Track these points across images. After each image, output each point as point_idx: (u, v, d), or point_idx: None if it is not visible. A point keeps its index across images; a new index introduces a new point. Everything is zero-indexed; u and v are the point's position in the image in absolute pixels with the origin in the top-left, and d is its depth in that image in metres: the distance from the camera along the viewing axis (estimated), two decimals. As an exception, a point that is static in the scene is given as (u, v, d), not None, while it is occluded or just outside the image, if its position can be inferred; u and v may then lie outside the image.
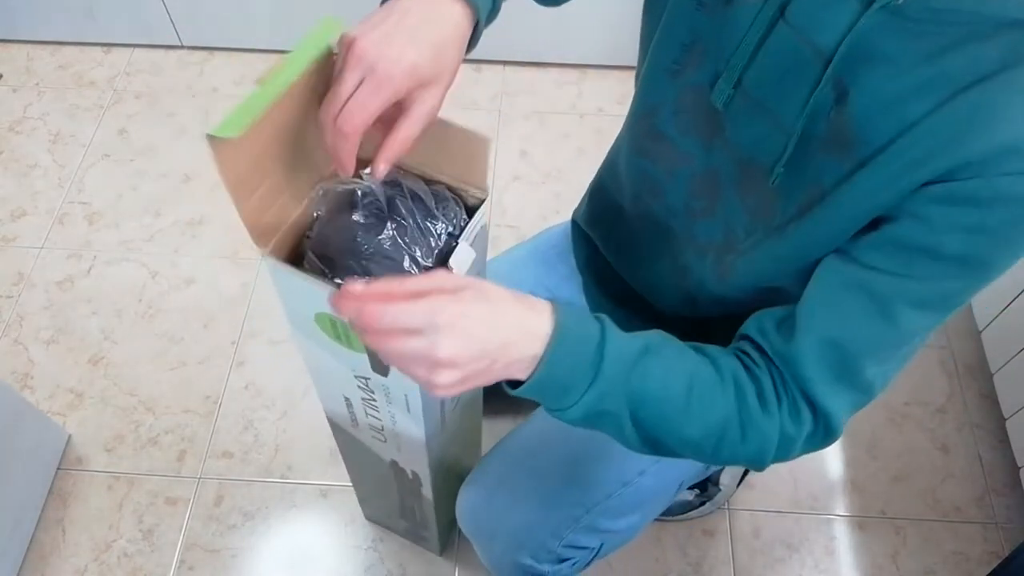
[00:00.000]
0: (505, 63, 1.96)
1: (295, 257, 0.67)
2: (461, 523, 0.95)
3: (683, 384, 0.62)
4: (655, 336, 0.64)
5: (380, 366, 0.69)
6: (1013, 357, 1.31)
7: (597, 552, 0.93)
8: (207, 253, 1.64)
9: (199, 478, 1.37)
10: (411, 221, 0.65)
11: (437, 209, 0.66)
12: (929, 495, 1.38)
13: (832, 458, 1.42)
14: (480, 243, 0.67)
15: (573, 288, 1.02)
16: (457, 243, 0.64)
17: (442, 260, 0.65)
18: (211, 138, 0.51)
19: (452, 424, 0.91)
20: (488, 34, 0.66)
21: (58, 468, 1.37)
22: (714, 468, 1.17)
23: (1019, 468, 1.31)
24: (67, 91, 1.89)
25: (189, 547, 1.31)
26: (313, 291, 0.61)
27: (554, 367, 0.56)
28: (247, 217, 0.59)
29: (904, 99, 0.56)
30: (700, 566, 1.30)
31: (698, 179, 0.74)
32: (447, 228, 0.66)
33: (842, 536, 1.34)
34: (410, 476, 0.96)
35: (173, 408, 1.44)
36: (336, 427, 0.95)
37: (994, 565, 1.20)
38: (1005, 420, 1.36)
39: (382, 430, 0.85)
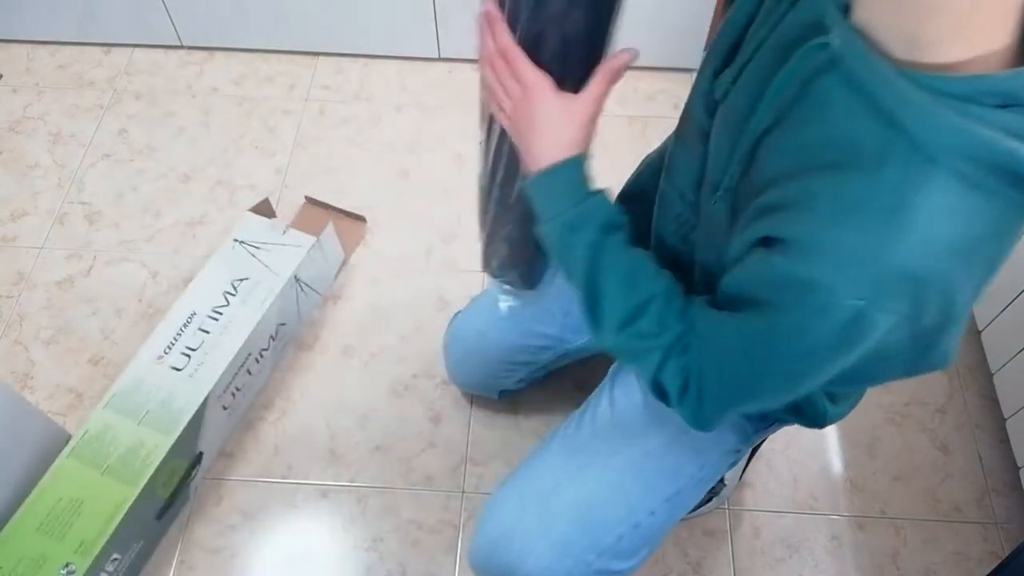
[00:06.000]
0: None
1: None
2: (472, 562, 0.96)
3: (633, 261, 0.72)
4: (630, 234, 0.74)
5: None
6: (1013, 357, 1.31)
7: None
8: (207, 253, 1.64)
9: (199, 478, 1.37)
10: None
11: None
12: (929, 495, 1.38)
13: (832, 458, 1.42)
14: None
15: None
16: None
17: None
18: None
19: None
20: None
21: (58, 468, 1.37)
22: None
23: (1019, 468, 1.31)
24: (67, 91, 1.89)
25: (189, 547, 1.31)
26: None
27: (552, 178, 0.71)
28: None
29: (798, 150, 0.55)
30: (700, 566, 1.30)
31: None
32: None
33: (842, 536, 1.34)
34: None
35: (173, 408, 1.44)
36: None
37: (994, 565, 1.20)
38: (1005, 420, 1.35)
39: None
